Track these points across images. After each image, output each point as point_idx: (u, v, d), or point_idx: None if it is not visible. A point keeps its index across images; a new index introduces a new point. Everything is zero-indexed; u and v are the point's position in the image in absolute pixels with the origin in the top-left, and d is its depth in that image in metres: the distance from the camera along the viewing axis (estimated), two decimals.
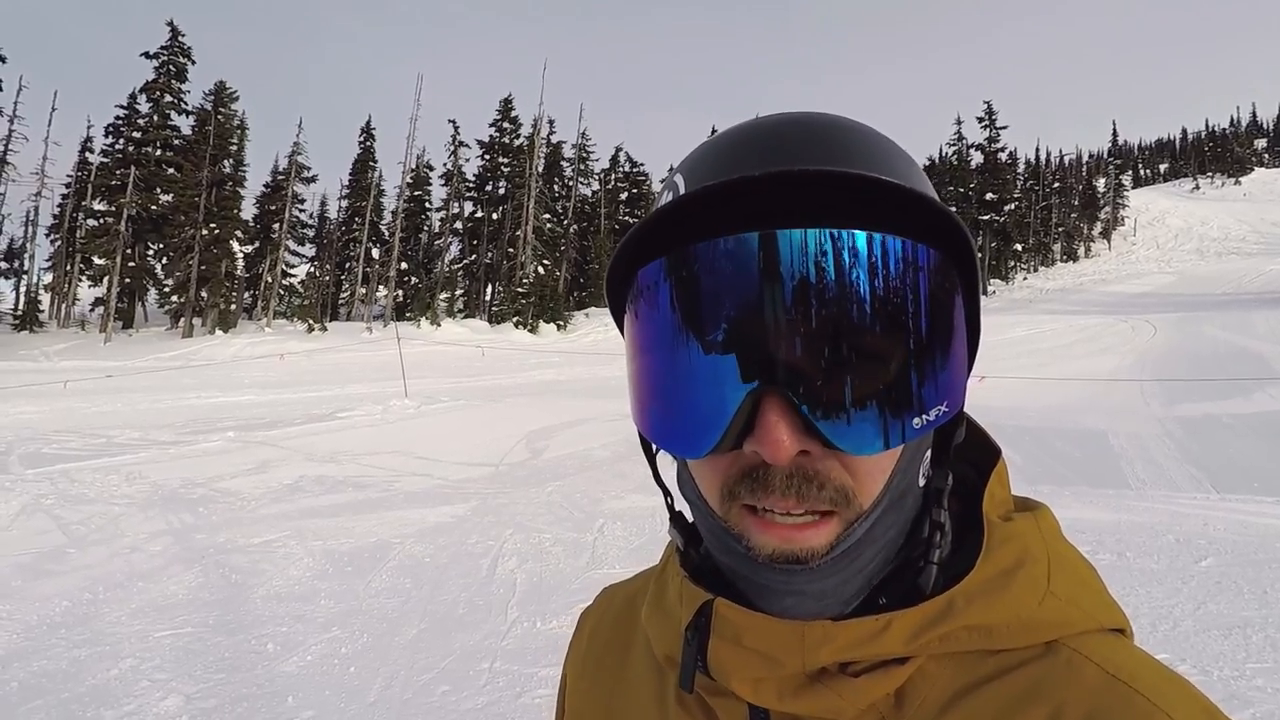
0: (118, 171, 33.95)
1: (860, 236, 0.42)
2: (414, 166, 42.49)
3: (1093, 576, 0.51)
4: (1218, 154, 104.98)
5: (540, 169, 41.90)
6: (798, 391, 0.42)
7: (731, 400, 0.43)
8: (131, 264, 33.66)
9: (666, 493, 0.57)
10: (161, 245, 34.80)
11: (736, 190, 0.43)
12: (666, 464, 0.55)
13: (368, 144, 43.68)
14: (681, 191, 0.48)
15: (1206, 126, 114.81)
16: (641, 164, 50.94)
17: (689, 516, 0.56)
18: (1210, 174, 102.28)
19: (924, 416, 0.44)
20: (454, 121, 42.54)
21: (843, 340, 0.42)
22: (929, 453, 0.50)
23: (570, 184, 46.31)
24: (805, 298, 0.42)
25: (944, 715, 0.45)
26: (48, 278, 38.00)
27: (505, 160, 42.44)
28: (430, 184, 43.95)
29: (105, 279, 32.90)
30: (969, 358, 0.50)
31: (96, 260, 33.84)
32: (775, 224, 0.43)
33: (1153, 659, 0.47)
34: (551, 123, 45.35)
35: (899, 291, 0.43)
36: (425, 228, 44.08)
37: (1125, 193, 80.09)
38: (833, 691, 0.47)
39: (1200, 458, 7.88)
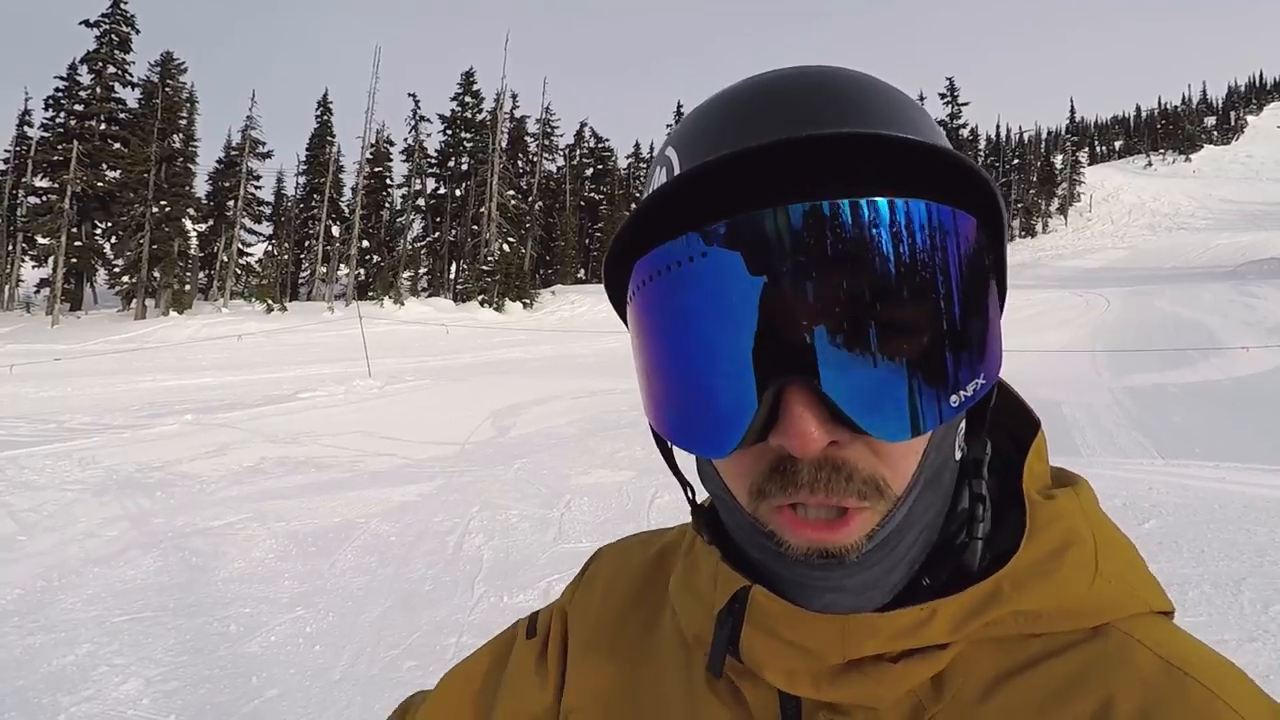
0: (59, 146, 32.46)
1: (880, 204, 0.39)
2: (374, 142, 41.46)
3: (1137, 556, 0.48)
4: (1170, 131, 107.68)
5: (504, 144, 41.20)
6: (823, 380, 0.39)
7: (751, 395, 0.40)
8: (78, 243, 32.36)
9: (686, 484, 0.54)
10: (110, 224, 33.48)
11: (737, 164, 0.39)
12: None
13: (325, 118, 42.40)
14: (676, 168, 0.44)
15: (1159, 104, 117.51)
16: (606, 139, 50.51)
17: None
18: (1162, 151, 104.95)
19: (961, 393, 0.41)
20: (414, 95, 41.64)
21: (868, 319, 0.39)
22: (963, 424, 0.47)
23: (534, 160, 45.66)
24: (822, 276, 0.38)
25: (985, 701, 0.43)
26: None
27: (468, 135, 41.66)
28: (391, 160, 42.96)
29: (50, 259, 31.64)
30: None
31: (40, 240, 32.46)
32: (783, 197, 0.39)
33: (1206, 645, 0.44)
34: (515, 97, 44.57)
35: (926, 261, 0.39)
36: (387, 205, 43.16)
37: (1081, 169, 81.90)
38: (870, 679, 0.45)
39: (1147, 425, 8.18)
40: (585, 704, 0.60)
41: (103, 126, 33.25)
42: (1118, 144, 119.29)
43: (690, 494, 0.55)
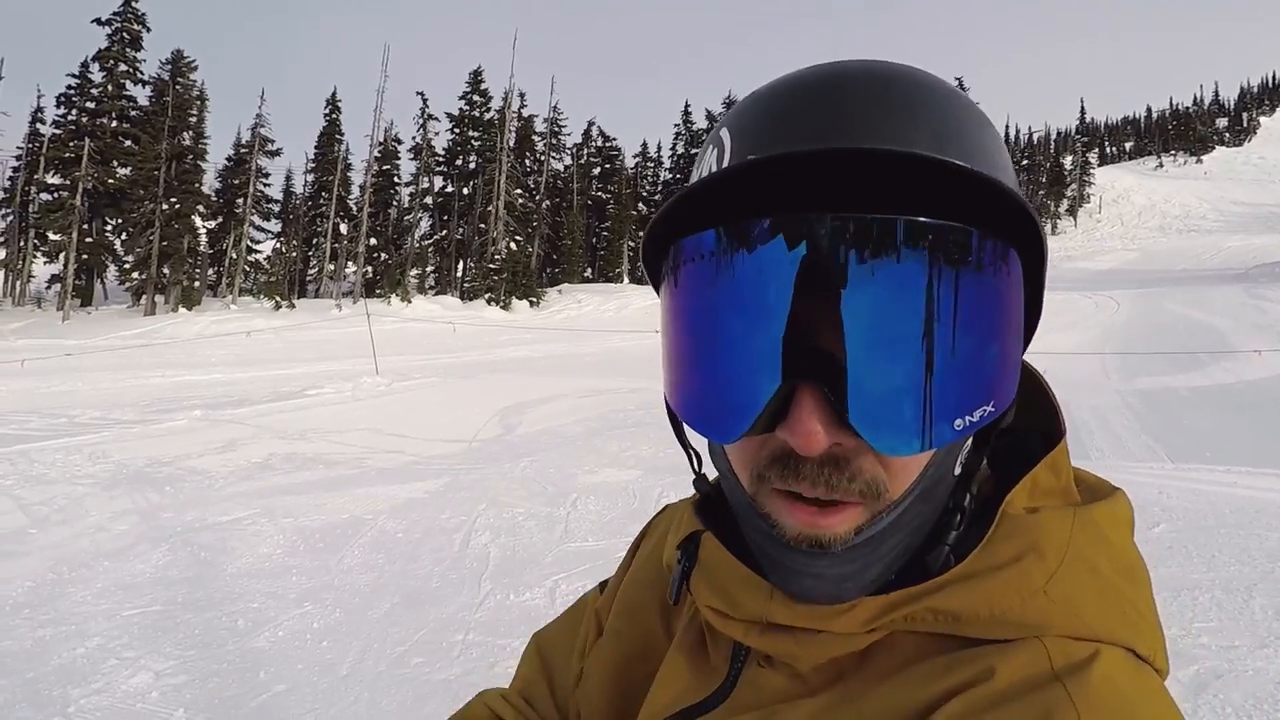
0: (71, 143, 32.71)
1: (912, 226, 0.39)
2: (381, 140, 41.58)
3: (1124, 587, 0.47)
4: (1181, 132, 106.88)
5: (511, 143, 41.28)
6: (834, 388, 0.41)
7: (765, 390, 0.42)
8: (89, 240, 32.62)
9: (692, 454, 0.57)
10: (120, 220, 33.72)
11: (787, 162, 0.41)
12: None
13: (333, 116, 42.54)
14: (727, 148, 0.46)
15: (1171, 105, 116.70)
16: (614, 139, 50.51)
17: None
18: (1173, 152, 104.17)
19: (966, 418, 0.42)
20: (422, 94, 41.68)
21: (888, 336, 0.40)
22: (969, 441, 0.48)
23: (542, 159, 45.72)
24: (851, 289, 0.39)
25: (890, 677, 0.46)
26: (0, 253, 36.70)
27: (475, 134, 41.72)
28: (399, 158, 43.07)
29: (61, 255, 31.86)
30: (1027, 339, 0.48)
31: (52, 236, 32.77)
32: (821, 205, 0.41)
33: (1140, 691, 0.41)
34: (522, 96, 44.75)
35: (951, 286, 0.40)
36: (394, 203, 43.26)
37: (1091, 170, 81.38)
38: (796, 641, 0.48)
39: (1157, 429, 8.12)
40: (617, 626, 0.67)
41: (114, 124, 33.49)
42: (1128, 145, 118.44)
43: (695, 464, 0.58)
